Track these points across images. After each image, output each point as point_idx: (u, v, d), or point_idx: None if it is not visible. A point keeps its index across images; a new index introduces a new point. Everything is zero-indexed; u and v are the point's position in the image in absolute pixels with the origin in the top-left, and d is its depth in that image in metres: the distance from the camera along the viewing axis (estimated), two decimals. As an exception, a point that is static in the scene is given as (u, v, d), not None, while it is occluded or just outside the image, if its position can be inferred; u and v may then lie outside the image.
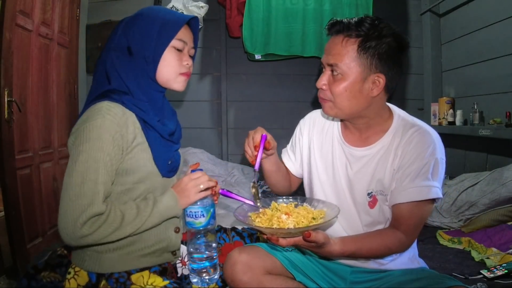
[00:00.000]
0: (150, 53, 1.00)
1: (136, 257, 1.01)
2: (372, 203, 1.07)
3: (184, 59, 1.05)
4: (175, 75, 1.04)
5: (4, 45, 1.81)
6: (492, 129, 2.10)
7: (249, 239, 1.26)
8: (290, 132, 1.29)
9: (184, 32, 1.04)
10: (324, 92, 1.05)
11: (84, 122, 0.93)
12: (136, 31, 1.01)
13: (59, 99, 2.48)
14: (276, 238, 0.89)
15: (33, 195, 2.11)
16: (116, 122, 0.93)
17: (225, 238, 1.25)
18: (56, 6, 2.38)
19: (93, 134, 0.90)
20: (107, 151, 0.91)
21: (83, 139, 0.90)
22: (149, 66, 1.01)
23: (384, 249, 1.00)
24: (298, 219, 0.94)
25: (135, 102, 1.00)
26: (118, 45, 1.02)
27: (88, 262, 0.99)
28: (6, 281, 1.91)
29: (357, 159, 1.10)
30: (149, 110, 1.02)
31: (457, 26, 2.71)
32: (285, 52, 2.77)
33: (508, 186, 1.78)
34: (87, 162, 0.89)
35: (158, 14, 1.03)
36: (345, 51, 1.00)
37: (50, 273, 1.05)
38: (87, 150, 0.90)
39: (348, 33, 1.00)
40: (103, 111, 0.93)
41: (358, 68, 1.00)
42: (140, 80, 1.01)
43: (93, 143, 0.90)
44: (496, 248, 1.61)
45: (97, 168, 0.89)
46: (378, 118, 1.08)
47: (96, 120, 0.92)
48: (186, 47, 1.06)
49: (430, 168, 0.99)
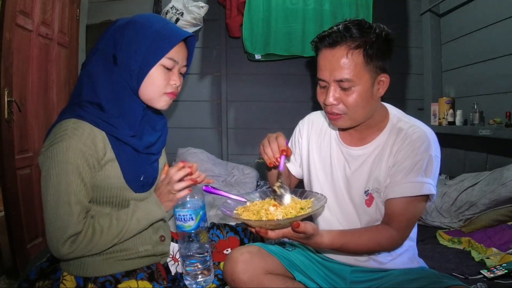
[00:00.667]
0: (135, 67, 0.94)
1: (120, 261, 1.00)
2: (369, 201, 1.07)
3: (172, 78, 0.99)
4: (158, 94, 0.99)
5: (4, 45, 1.81)
6: (492, 129, 2.10)
7: (243, 233, 1.25)
8: (290, 132, 1.29)
9: (177, 50, 0.98)
10: (337, 107, 1.02)
11: (50, 145, 0.91)
12: (125, 40, 0.94)
13: (59, 99, 2.48)
14: (265, 231, 0.88)
15: (33, 195, 2.11)
16: (83, 141, 0.90)
17: (218, 234, 1.23)
18: (56, 6, 2.38)
19: (61, 157, 0.89)
20: (77, 173, 0.90)
21: (52, 163, 0.89)
22: (132, 80, 0.96)
23: (374, 244, 1.00)
24: (287, 210, 0.93)
25: (106, 117, 0.95)
26: (104, 50, 0.96)
27: (73, 267, 0.99)
28: (6, 281, 1.91)
29: (354, 158, 1.11)
30: (122, 125, 0.97)
31: (457, 26, 2.71)
32: (285, 52, 2.77)
33: (508, 186, 1.78)
34: (59, 186, 0.89)
35: (153, 26, 0.95)
36: (353, 63, 0.98)
37: (45, 281, 1.03)
38: (57, 175, 0.89)
39: (348, 43, 0.98)
40: (69, 132, 0.90)
41: (367, 75, 0.99)
42: (119, 92, 0.96)
43: (62, 166, 0.89)
44: (496, 248, 1.61)
45: (69, 191, 0.89)
46: (376, 117, 1.08)
47: (62, 142, 0.89)
48: (176, 66, 0.99)
49: (424, 164, 0.99)
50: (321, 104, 1.07)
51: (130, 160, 0.99)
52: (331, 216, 1.15)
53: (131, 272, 1.01)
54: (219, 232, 1.24)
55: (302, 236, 0.90)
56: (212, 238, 1.22)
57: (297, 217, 0.89)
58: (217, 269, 1.13)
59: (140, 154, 1.02)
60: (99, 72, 0.96)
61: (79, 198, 0.90)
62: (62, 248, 0.89)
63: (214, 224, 1.29)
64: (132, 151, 1.00)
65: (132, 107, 0.99)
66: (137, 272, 1.02)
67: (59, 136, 0.90)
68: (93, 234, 0.92)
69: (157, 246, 1.06)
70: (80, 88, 0.98)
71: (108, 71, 0.95)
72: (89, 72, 0.96)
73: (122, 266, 1.00)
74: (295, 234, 0.89)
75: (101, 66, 0.96)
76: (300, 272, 1.09)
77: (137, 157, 1.01)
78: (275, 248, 1.12)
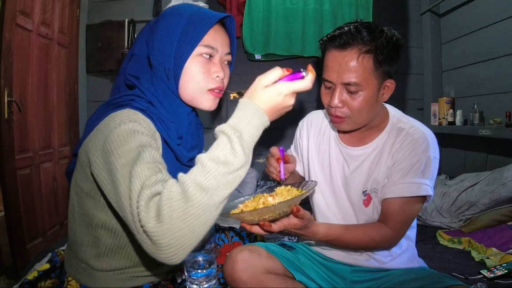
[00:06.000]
0: (170, 65, 0.83)
1: (130, 278, 0.94)
2: (367, 201, 1.08)
3: (214, 70, 0.86)
4: (201, 92, 0.86)
5: (4, 45, 1.81)
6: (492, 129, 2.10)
7: (247, 238, 1.24)
8: (290, 132, 1.30)
9: (213, 36, 0.85)
10: (341, 110, 1.02)
11: (107, 134, 0.74)
12: (156, 37, 0.84)
13: (59, 99, 2.48)
14: (268, 225, 0.86)
15: (33, 195, 2.11)
16: (146, 126, 0.78)
17: (223, 238, 1.22)
18: (56, 6, 2.38)
19: (125, 137, 0.72)
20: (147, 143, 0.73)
21: (115, 146, 0.72)
22: (170, 81, 0.84)
23: (368, 240, 1.00)
24: (283, 197, 0.91)
25: (160, 115, 0.83)
26: (140, 53, 0.86)
27: (82, 275, 0.91)
28: (6, 281, 1.91)
29: (353, 158, 1.11)
30: (172, 129, 0.85)
31: (457, 26, 2.71)
32: (285, 52, 2.77)
33: (508, 186, 1.78)
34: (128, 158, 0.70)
35: (181, 15, 0.84)
36: (362, 67, 0.96)
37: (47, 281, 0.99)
38: (125, 152, 0.70)
39: (359, 46, 0.96)
40: (129, 117, 0.76)
41: (375, 81, 0.99)
42: (162, 98, 0.85)
43: (128, 143, 0.72)
44: (496, 248, 1.61)
45: (141, 158, 0.69)
46: (377, 119, 1.08)
47: (124, 125, 0.74)
48: (217, 54, 0.87)
49: (422, 165, 0.99)
50: (325, 105, 1.06)
51: (170, 169, 0.78)
52: (330, 214, 1.16)
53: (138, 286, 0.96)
54: (224, 236, 1.22)
55: (300, 223, 0.89)
56: (217, 242, 1.20)
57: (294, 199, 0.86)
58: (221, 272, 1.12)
59: (181, 166, 0.90)
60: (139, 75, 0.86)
61: (155, 157, 0.71)
62: (150, 222, 0.61)
63: (220, 227, 1.26)
64: (175, 160, 0.88)
65: (177, 112, 0.87)
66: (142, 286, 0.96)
67: (117, 123, 0.74)
68: (184, 190, 0.62)
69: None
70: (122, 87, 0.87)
71: (147, 77, 0.85)
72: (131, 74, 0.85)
73: (131, 282, 0.94)
74: (294, 222, 0.88)
75: (139, 71, 0.86)
76: (300, 272, 1.09)
77: (179, 168, 0.87)
78: (275, 248, 1.12)
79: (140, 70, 0.86)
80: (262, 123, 0.73)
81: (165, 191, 0.63)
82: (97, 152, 0.76)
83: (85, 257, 0.90)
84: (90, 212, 0.86)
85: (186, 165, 0.90)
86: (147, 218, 0.61)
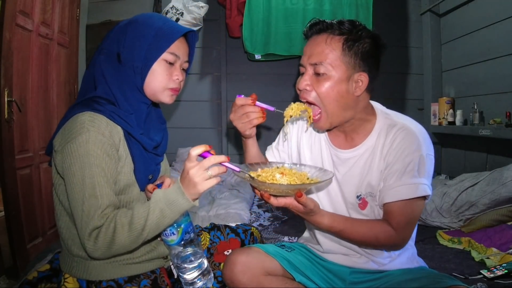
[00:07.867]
0: (139, 64, 0.97)
1: (124, 265, 0.99)
2: (362, 205, 1.07)
3: (175, 73, 1.01)
4: (162, 89, 1.01)
5: (4, 45, 1.81)
6: (492, 129, 2.10)
7: (243, 235, 1.24)
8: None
9: (178, 45, 1.00)
10: (309, 93, 1.03)
11: (68, 140, 0.89)
12: (128, 38, 0.97)
13: (59, 99, 2.48)
14: (268, 196, 0.88)
15: (33, 195, 2.11)
16: (101, 132, 0.90)
17: (219, 236, 1.22)
18: (56, 6, 2.38)
19: (81, 151, 0.88)
20: (100, 165, 0.89)
21: (73, 159, 0.88)
22: (136, 76, 0.98)
23: (371, 236, 1.00)
24: (292, 179, 0.93)
25: (120, 113, 0.96)
26: (109, 50, 0.99)
27: (76, 269, 0.97)
28: (6, 281, 1.91)
29: (343, 161, 1.09)
30: (133, 122, 0.99)
31: (457, 26, 2.71)
32: (285, 52, 2.77)
33: (508, 186, 1.78)
34: (83, 180, 0.87)
35: (154, 23, 0.98)
36: (330, 49, 0.99)
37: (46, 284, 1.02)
38: (80, 169, 0.87)
39: (332, 30, 1.00)
40: (86, 124, 0.90)
41: (343, 66, 0.99)
42: (126, 90, 0.98)
43: (84, 160, 0.87)
44: (496, 248, 1.61)
45: (94, 183, 0.87)
46: (362, 119, 1.07)
47: (81, 135, 0.88)
48: (178, 61, 1.02)
49: (415, 165, 0.98)
50: (298, 92, 1.07)
51: (140, 157, 1.00)
52: None
53: (134, 277, 1.00)
54: (220, 234, 1.23)
55: (301, 208, 0.89)
56: (213, 239, 1.21)
57: (299, 186, 0.88)
58: (218, 270, 1.13)
59: (148, 153, 1.03)
60: (106, 69, 0.98)
61: (105, 191, 0.89)
62: (87, 244, 0.87)
63: (215, 225, 1.27)
64: (141, 149, 1.01)
65: (138, 104, 1.01)
66: (140, 278, 1.00)
67: (76, 130, 0.89)
68: (114, 229, 0.87)
69: (159, 247, 1.05)
70: (89, 85, 1.00)
71: (114, 70, 0.98)
72: (100, 70, 0.98)
73: (126, 270, 0.99)
74: (296, 205, 0.88)
75: (107, 65, 0.98)
76: (300, 273, 1.09)
77: (146, 156, 1.02)
78: (274, 249, 1.12)
79: (108, 63, 0.98)
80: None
81: (103, 227, 0.87)
82: (58, 152, 0.92)
83: (76, 250, 0.96)
84: (67, 203, 0.94)
85: (152, 153, 1.05)
86: (88, 241, 0.87)
